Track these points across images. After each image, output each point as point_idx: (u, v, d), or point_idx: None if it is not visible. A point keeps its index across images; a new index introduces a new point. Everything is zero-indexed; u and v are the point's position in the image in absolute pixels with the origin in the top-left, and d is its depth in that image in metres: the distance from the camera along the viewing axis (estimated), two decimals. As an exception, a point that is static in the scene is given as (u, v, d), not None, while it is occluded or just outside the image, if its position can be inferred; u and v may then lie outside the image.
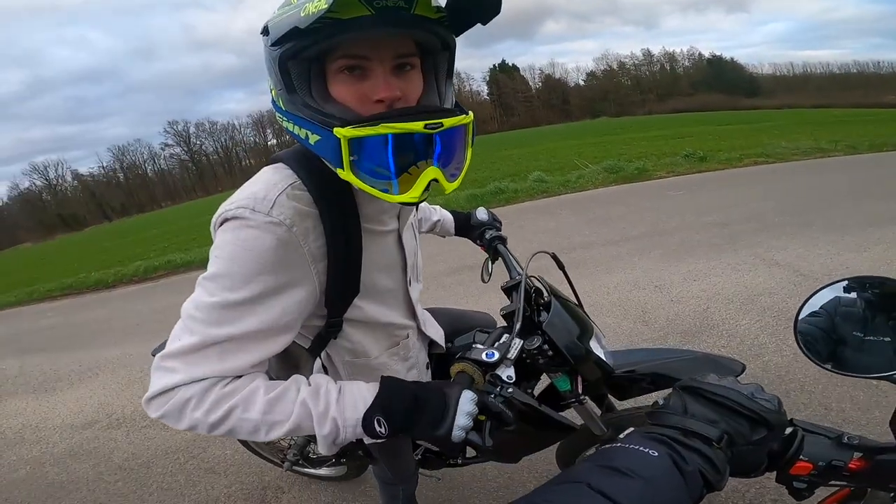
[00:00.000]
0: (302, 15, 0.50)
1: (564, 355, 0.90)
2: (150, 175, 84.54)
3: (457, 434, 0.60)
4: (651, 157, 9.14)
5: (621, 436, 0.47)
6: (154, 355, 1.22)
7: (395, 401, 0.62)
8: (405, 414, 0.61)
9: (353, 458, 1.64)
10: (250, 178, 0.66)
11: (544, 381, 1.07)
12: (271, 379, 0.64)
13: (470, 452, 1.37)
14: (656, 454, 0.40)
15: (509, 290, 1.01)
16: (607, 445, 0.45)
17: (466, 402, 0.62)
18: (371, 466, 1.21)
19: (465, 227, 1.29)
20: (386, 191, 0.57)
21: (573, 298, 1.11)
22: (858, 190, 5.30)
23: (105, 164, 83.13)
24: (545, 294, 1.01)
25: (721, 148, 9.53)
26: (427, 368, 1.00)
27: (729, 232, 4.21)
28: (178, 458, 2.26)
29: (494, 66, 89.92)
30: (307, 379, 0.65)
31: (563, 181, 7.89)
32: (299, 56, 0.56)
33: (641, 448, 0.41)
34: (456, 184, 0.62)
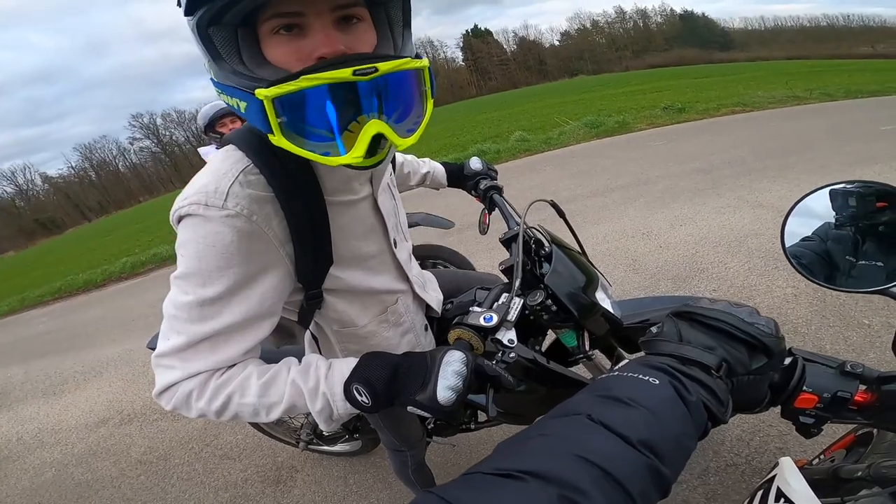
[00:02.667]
0: None
1: (568, 309, 0.84)
2: (123, 171, 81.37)
3: (444, 395, 0.57)
4: (630, 111, 9.06)
5: (618, 365, 0.44)
6: (150, 348, 1.12)
7: (374, 370, 0.61)
8: (385, 380, 0.60)
9: (366, 433, 1.61)
10: None
11: (552, 335, 1.01)
12: (268, 349, 0.65)
13: (482, 417, 1.31)
14: (658, 382, 0.37)
15: (507, 242, 0.93)
16: (604, 375, 0.41)
17: (453, 362, 0.59)
18: (380, 435, 1.17)
19: (459, 177, 1.23)
20: (327, 153, 0.50)
21: (576, 247, 1.03)
22: (837, 133, 5.35)
23: (74, 164, 79.86)
24: (546, 244, 0.93)
25: (699, 99, 9.52)
26: (427, 331, 0.95)
27: (712, 178, 4.20)
28: (194, 448, 2.27)
29: (467, 31, 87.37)
30: (298, 360, 0.66)
31: (545, 139, 7.78)
32: (221, 21, 0.50)
33: (642, 376, 0.38)
34: (412, 139, 0.54)
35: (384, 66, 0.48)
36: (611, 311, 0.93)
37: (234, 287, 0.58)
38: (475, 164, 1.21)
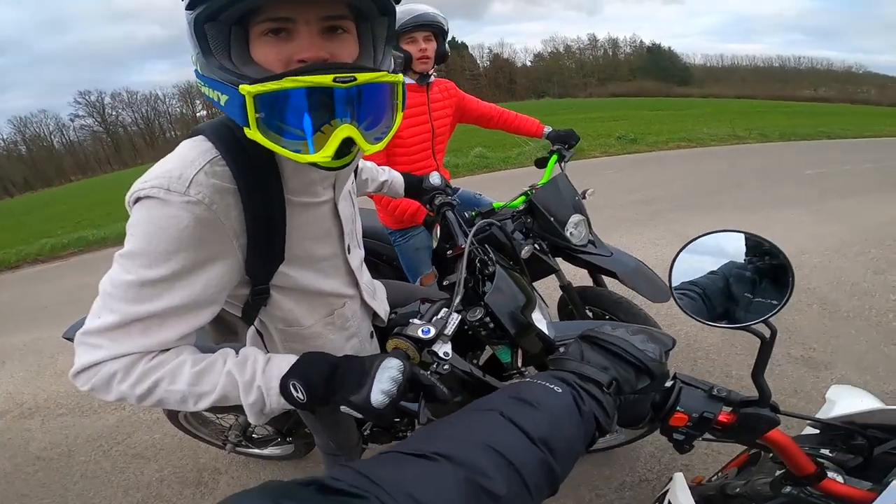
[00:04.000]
0: None
1: (505, 328, 0.89)
2: (58, 147, 75.09)
3: (377, 398, 0.59)
4: (588, 138, 9.46)
5: (530, 376, 0.49)
6: (66, 338, 1.09)
7: (312, 368, 0.62)
8: (322, 380, 0.61)
9: (299, 437, 1.58)
10: (174, 148, 0.62)
11: (490, 350, 1.07)
12: (208, 346, 0.64)
13: (419, 425, 1.36)
14: (560, 391, 0.43)
15: (453, 260, 0.99)
16: (517, 380, 0.47)
17: (389, 368, 0.61)
18: (315, 439, 1.19)
19: (416, 189, 1.27)
20: (298, 151, 0.53)
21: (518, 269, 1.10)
22: (766, 174, 5.84)
23: (4, 137, 72.78)
24: (490, 264, 1.00)
25: (651, 132, 10.10)
26: (372, 338, 0.99)
27: (651, 210, 4.48)
28: (102, 445, 2.15)
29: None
30: (235, 351, 0.65)
31: (504, 157, 7.98)
32: (217, 18, 0.53)
33: (548, 384, 0.43)
34: (379, 146, 0.58)
35: (362, 77, 0.52)
36: (545, 331, 0.98)
37: (179, 272, 0.57)
38: (434, 179, 1.26)
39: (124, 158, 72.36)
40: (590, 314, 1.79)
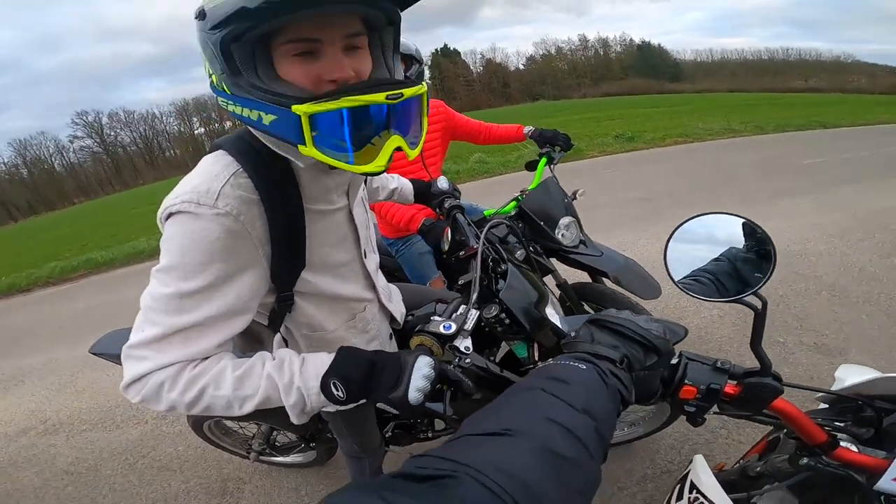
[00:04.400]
0: None
1: (521, 323, 0.92)
2: (59, 169, 75.49)
3: (413, 396, 0.62)
4: (585, 138, 9.53)
5: (551, 359, 0.52)
6: (93, 353, 1.19)
7: (350, 366, 0.64)
8: (361, 378, 0.63)
9: (322, 442, 1.60)
10: (176, 168, 0.72)
11: (505, 347, 1.09)
12: (237, 356, 0.67)
13: (439, 425, 1.39)
14: (584, 367, 0.46)
15: (467, 260, 1.02)
16: (543, 364, 0.50)
17: (423, 367, 0.64)
18: (339, 443, 1.22)
19: (425, 195, 1.31)
20: (351, 162, 0.57)
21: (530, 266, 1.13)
22: (764, 166, 5.86)
23: (6, 160, 73.28)
24: (502, 263, 1.03)
25: (647, 129, 10.15)
26: (391, 339, 1.01)
27: (653, 206, 4.50)
28: (128, 459, 2.19)
29: (437, 50, 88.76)
30: (271, 354, 0.68)
31: (503, 162, 8.03)
32: (243, 38, 0.54)
33: (572, 363, 0.47)
34: (417, 150, 0.63)
35: (407, 92, 0.57)
36: (559, 325, 1.00)
37: (214, 283, 0.60)
38: (442, 183, 1.30)
39: (125, 179, 72.61)
40: (589, 310, 1.83)
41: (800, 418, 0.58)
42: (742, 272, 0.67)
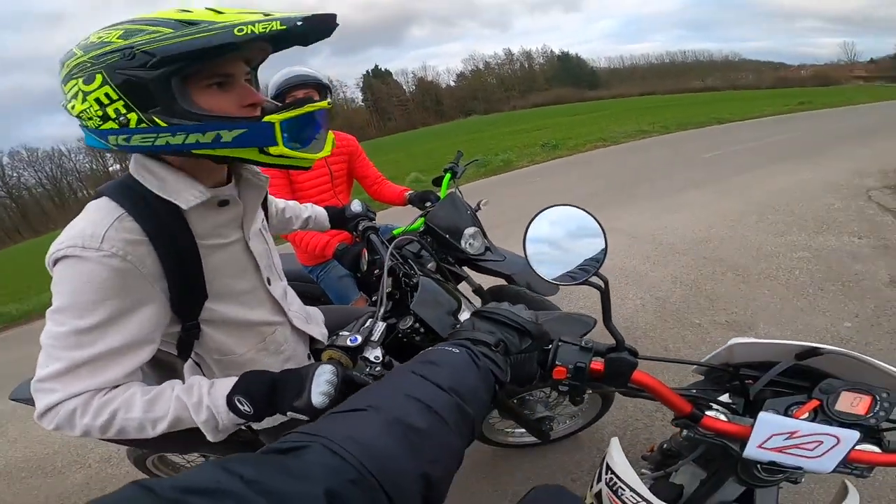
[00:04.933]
0: (237, 33, 0.59)
1: (435, 332, 0.96)
2: None
3: (318, 399, 0.67)
4: (514, 150, 9.94)
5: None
6: (13, 399, 1.19)
7: (253, 383, 0.70)
8: (265, 392, 0.69)
9: None
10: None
11: None
12: (147, 384, 0.71)
13: None
14: (457, 351, 0.50)
15: (379, 276, 1.06)
16: (425, 349, 0.54)
17: (324, 373, 0.69)
18: None
19: (340, 219, 1.36)
20: (308, 152, 0.70)
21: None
22: (670, 163, 6.42)
23: None
24: (414, 276, 1.08)
25: (570, 136, 10.82)
26: (309, 359, 1.04)
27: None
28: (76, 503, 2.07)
29: (367, 72, 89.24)
30: (181, 381, 0.73)
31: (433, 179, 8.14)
32: (179, 74, 0.60)
33: (447, 347, 0.51)
34: (330, 146, 0.77)
35: (327, 103, 0.72)
36: None
37: (110, 318, 0.63)
38: (356, 206, 1.35)
39: (34, 225, 64.27)
40: None
41: (660, 389, 0.60)
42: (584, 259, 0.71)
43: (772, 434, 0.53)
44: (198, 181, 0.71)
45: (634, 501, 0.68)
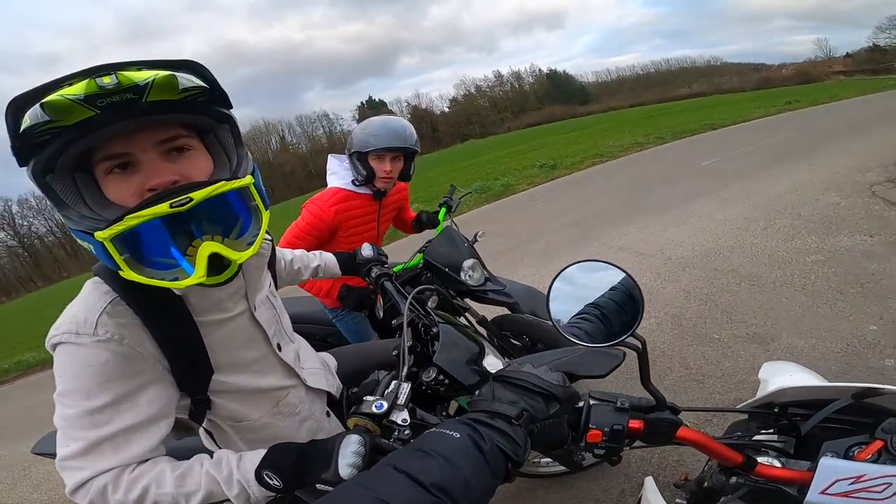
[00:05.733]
0: (22, 129, 0.49)
1: (459, 382, 0.94)
2: None
3: (346, 471, 0.64)
4: (513, 173, 10.06)
5: (441, 423, 0.53)
6: (36, 453, 1.21)
7: (281, 457, 0.68)
8: (292, 466, 0.67)
9: None
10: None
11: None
12: (169, 443, 0.71)
13: None
14: (458, 435, 0.46)
15: (398, 328, 1.02)
16: (426, 431, 0.51)
17: (351, 444, 0.66)
18: None
19: (351, 265, 1.31)
20: (176, 278, 0.57)
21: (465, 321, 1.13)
22: (670, 174, 6.45)
23: None
24: (434, 325, 1.05)
25: (567, 154, 10.95)
26: (329, 416, 1.02)
27: (582, 230, 4.76)
28: None
29: (362, 103, 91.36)
30: (209, 454, 0.71)
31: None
32: (55, 169, 0.54)
33: (447, 431, 0.47)
34: (251, 251, 0.61)
35: (198, 195, 0.53)
36: None
37: (119, 398, 0.63)
38: (366, 251, 1.29)
39: (47, 273, 64.58)
40: (515, 341, 1.93)
41: (709, 445, 0.58)
42: (629, 305, 0.69)
43: (836, 479, 0.51)
44: None
45: (681, 550, 0.65)
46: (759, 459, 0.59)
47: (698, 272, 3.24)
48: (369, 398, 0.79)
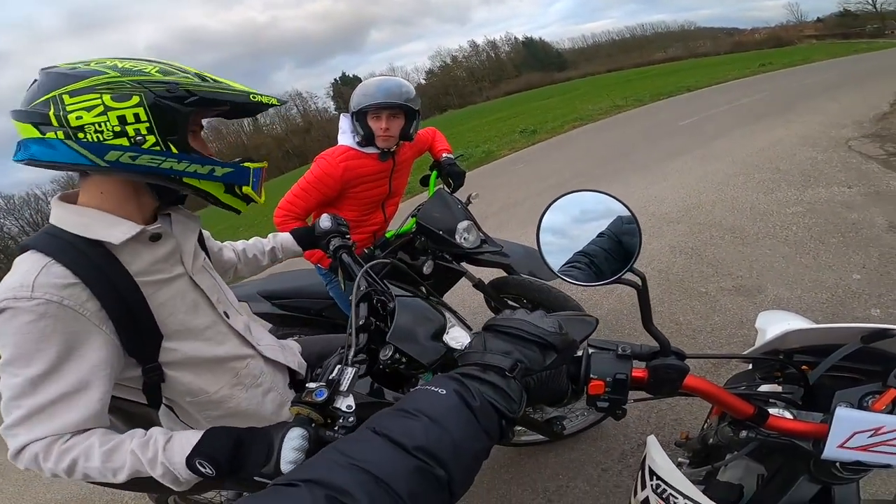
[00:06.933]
0: (252, 98, 0.76)
1: (417, 361, 0.90)
2: None
3: (287, 468, 0.62)
4: (494, 140, 9.89)
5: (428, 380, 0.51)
6: None
7: (216, 446, 0.67)
8: (227, 456, 0.66)
9: None
10: None
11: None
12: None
13: None
14: (444, 392, 0.43)
15: (358, 304, 0.97)
16: (411, 390, 0.48)
17: (293, 438, 0.64)
18: None
19: (310, 239, 1.27)
20: (251, 195, 0.82)
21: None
22: (649, 134, 6.43)
23: None
24: (390, 301, 1.00)
25: (547, 119, 10.81)
26: (291, 389, 1.03)
27: (565, 190, 4.66)
28: None
29: (336, 80, 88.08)
30: (144, 431, 0.71)
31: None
32: (202, 115, 0.78)
33: (432, 388, 0.44)
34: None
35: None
36: (463, 348, 0.96)
37: (58, 362, 0.65)
38: (325, 222, 1.23)
39: None
40: (514, 304, 1.89)
41: (719, 395, 0.54)
42: (617, 251, 0.65)
43: (854, 432, 0.49)
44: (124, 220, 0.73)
45: (690, 509, 0.59)
46: (770, 411, 0.56)
47: (682, 227, 3.23)
48: (311, 385, 0.75)
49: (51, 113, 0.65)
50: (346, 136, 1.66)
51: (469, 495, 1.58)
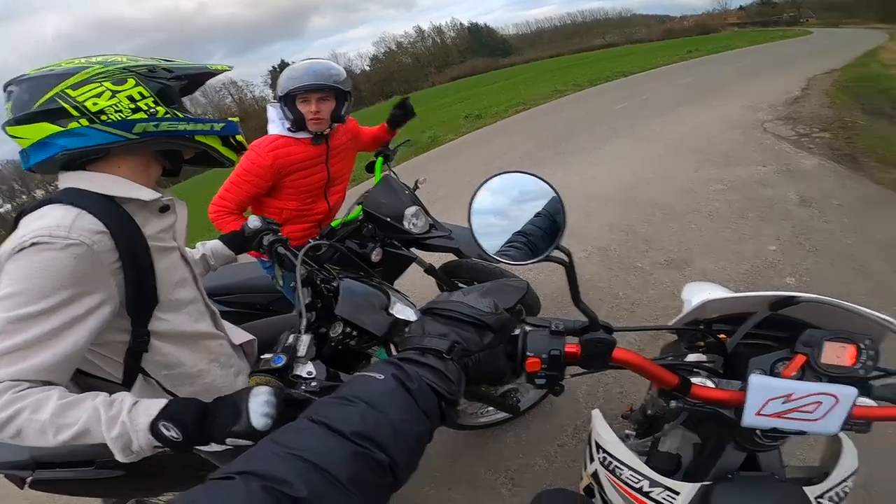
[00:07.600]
0: (210, 67, 0.87)
1: (368, 331, 0.93)
2: None
3: (260, 421, 0.64)
4: (439, 125, 9.77)
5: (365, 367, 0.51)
6: None
7: (183, 410, 0.67)
8: (195, 419, 0.66)
9: None
10: None
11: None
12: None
13: None
14: (382, 377, 0.43)
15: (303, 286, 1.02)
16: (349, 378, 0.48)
17: (260, 394, 0.66)
18: None
19: (241, 241, 1.27)
20: (243, 142, 0.91)
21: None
22: (588, 118, 6.64)
23: None
24: (333, 280, 1.04)
25: (492, 104, 10.85)
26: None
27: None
28: None
29: (274, 67, 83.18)
30: (109, 394, 0.70)
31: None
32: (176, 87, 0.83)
33: (370, 374, 0.44)
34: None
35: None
36: (410, 318, 1.00)
37: (58, 306, 0.65)
38: (253, 222, 1.25)
39: None
40: (461, 285, 1.91)
41: (645, 366, 0.55)
42: (552, 230, 0.64)
43: (768, 399, 0.50)
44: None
45: (636, 480, 0.61)
46: (693, 381, 0.57)
47: (619, 206, 3.36)
48: (267, 356, 0.76)
49: (66, 106, 0.70)
50: (274, 125, 1.61)
51: (437, 479, 1.57)
